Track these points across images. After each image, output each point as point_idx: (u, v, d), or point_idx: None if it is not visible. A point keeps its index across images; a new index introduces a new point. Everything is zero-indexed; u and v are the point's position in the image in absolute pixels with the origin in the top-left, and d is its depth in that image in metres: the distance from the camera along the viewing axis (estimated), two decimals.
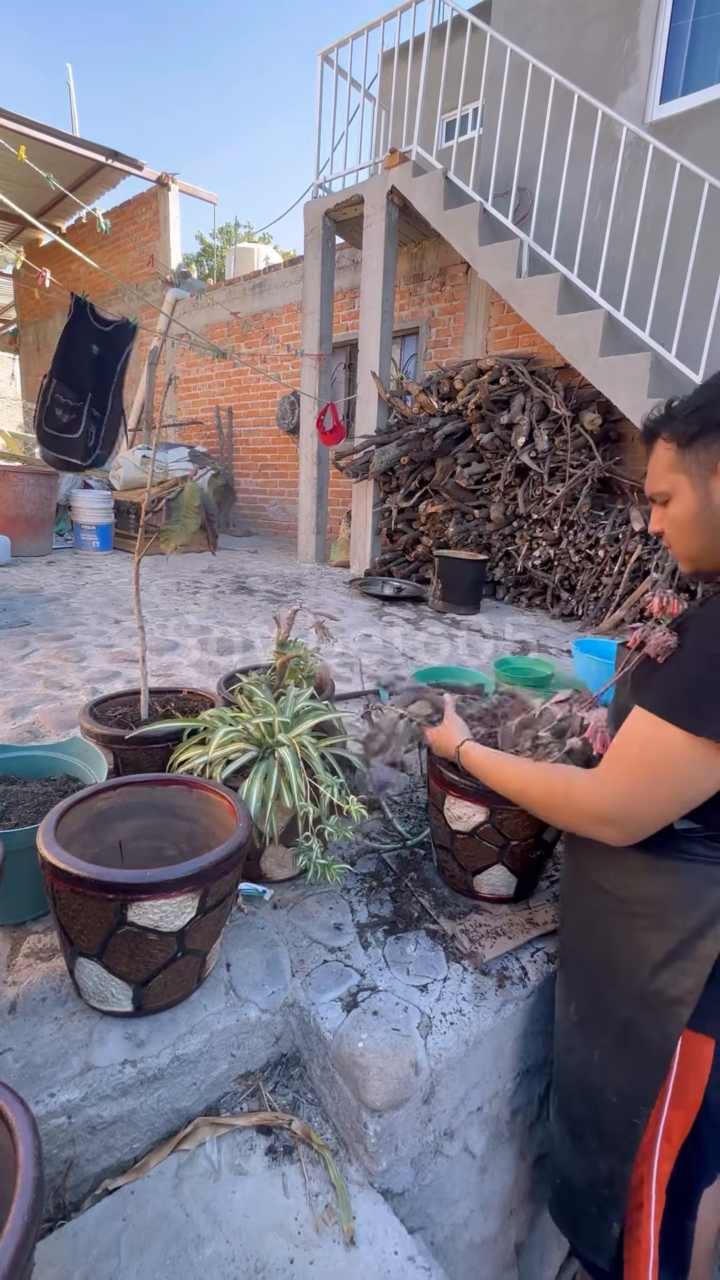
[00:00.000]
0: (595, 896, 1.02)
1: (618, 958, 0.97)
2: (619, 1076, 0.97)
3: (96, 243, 8.86)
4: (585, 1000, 1.04)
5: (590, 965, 1.03)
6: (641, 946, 0.93)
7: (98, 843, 1.15)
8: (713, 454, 0.87)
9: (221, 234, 19.11)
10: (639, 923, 0.94)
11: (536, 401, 4.31)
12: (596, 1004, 1.01)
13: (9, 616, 3.43)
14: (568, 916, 1.11)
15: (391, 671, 2.92)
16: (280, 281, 7.08)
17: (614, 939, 0.98)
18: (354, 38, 4.87)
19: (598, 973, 1.01)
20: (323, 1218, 0.94)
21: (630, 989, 0.95)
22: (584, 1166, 1.04)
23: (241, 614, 3.78)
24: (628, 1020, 0.95)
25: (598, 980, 1.01)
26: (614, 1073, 0.98)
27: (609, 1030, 0.99)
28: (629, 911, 0.95)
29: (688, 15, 4.07)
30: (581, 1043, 1.04)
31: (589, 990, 1.03)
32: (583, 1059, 1.03)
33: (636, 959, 0.94)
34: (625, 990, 0.96)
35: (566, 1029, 1.08)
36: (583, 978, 1.05)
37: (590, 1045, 1.02)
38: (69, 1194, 0.95)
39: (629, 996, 0.95)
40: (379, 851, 1.54)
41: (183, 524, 1.53)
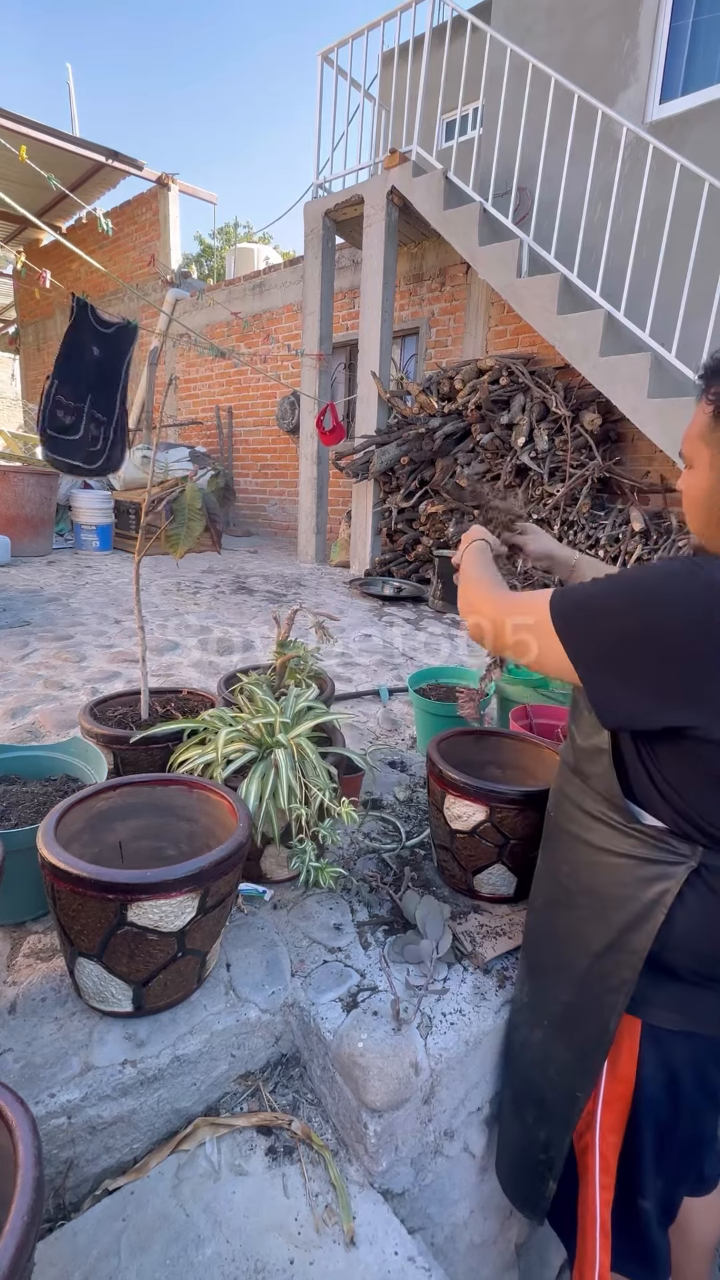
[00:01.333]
0: (552, 887, 1.06)
1: (563, 945, 1.01)
2: (560, 1054, 1.01)
3: (97, 242, 8.86)
4: (534, 983, 1.09)
5: (541, 951, 1.08)
6: (583, 937, 0.96)
7: (98, 843, 1.15)
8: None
9: (221, 234, 19.12)
10: (582, 914, 0.97)
11: (536, 401, 4.31)
12: (543, 987, 1.06)
13: (9, 616, 3.43)
14: (532, 906, 1.15)
15: (391, 671, 2.92)
16: (280, 281, 7.08)
17: (560, 927, 1.02)
18: (354, 38, 4.87)
19: (546, 958, 1.06)
20: (323, 1218, 0.94)
21: (573, 975, 0.99)
22: (523, 1134, 1.09)
23: (241, 614, 3.78)
24: (569, 1004, 0.99)
25: (545, 966, 1.06)
26: (556, 1050, 1.02)
27: (551, 1011, 1.03)
28: (574, 903, 0.99)
29: (688, 15, 4.07)
30: (527, 1021, 1.09)
31: (538, 974, 1.08)
32: (526, 1037, 1.08)
33: (578, 948, 0.97)
34: (568, 975, 0.99)
35: (518, 1007, 1.13)
36: (535, 963, 1.09)
37: (534, 1024, 1.06)
38: (69, 1194, 0.95)
39: (571, 982, 0.99)
40: (379, 851, 1.54)
41: (188, 527, 1.53)
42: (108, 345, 4.44)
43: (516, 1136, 1.12)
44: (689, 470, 0.89)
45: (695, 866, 0.84)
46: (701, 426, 0.85)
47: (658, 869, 0.87)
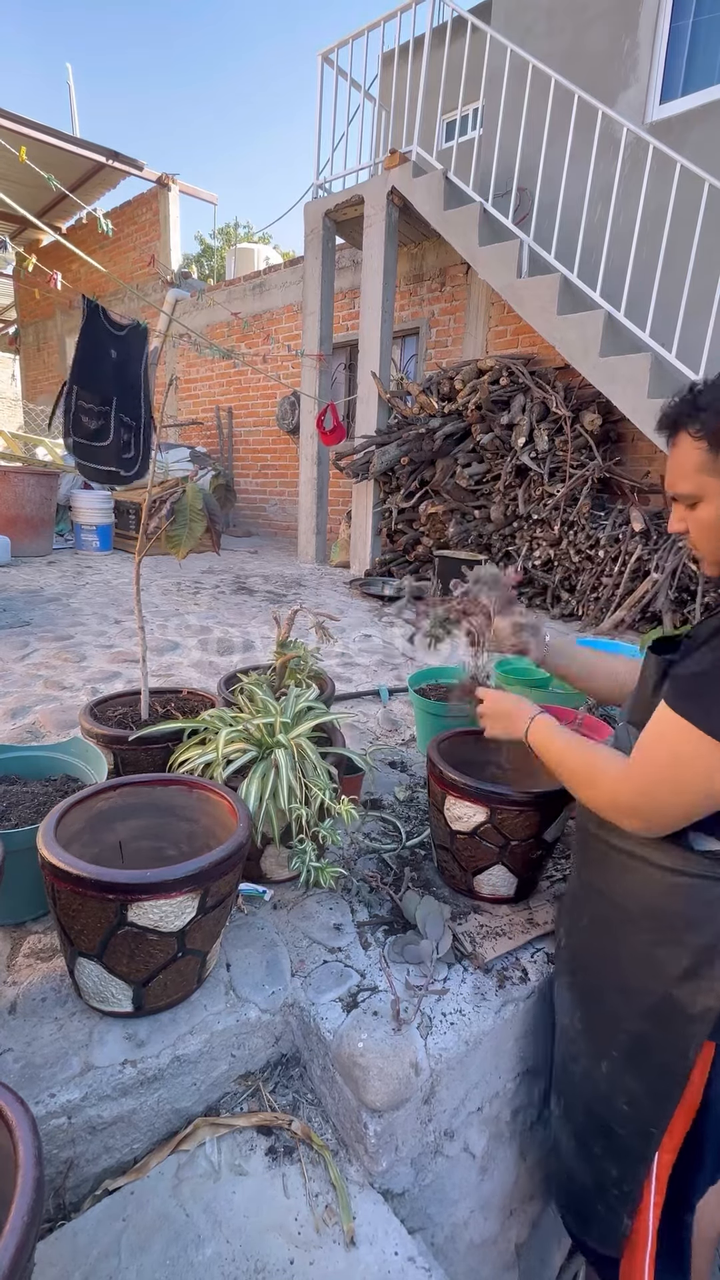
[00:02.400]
0: (603, 906, 1.00)
1: (628, 971, 0.95)
2: (632, 1086, 0.96)
3: (97, 243, 8.86)
4: (591, 1010, 1.02)
5: (596, 975, 1.01)
6: (655, 962, 0.91)
7: (98, 843, 1.15)
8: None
9: (221, 234, 19.12)
10: (650, 937, 0.92)
11: (536, 402, 4.31)
12: (603, 1015, 1.00)
13: (9, 617, 3.43)
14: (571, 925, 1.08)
15: (391, 671, 2.93)
16: (280, 282, 7.08)
17: (622, 951, 0.96)
18: (354, 38, 4.87)
19: (605, 984, 0.99)
20: (323, 1218, 0.94)
21: (643, 1003, 0.93)
22: (592, 1169, 1.03)
23: (241, 614, 3.78)
24: (640, 1034, 0.94)
25: (605, 991, 0.99)
26: (626, 1082, 0.96)
27: (618, 1042, 0.97)
28: (639, 926, 0.93)
29: (688, 15, 4.07)
30: (587, 1052, 1.02)
31: (595, 1000, 1.01)
32: (588, 1069, 1.02)
33: (650, 974, 0.92)
34: (637, 1004, 0.94)
35: (571, 1037, 1.07)
36: (588, 988, 1.03)
37: (597, 1055, 1.00)
38: (69, 1194, 0.95)
39: (641, 1010, 0.93)
40: (379, 851, 1.54)
41: (190, 528, 1.53)
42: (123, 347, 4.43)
43: (583, 1172, 1.06)
44: (695, 507, 0.88)
45: None
46: (698, 460, 0.84)
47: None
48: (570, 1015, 1.07)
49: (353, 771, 1.58)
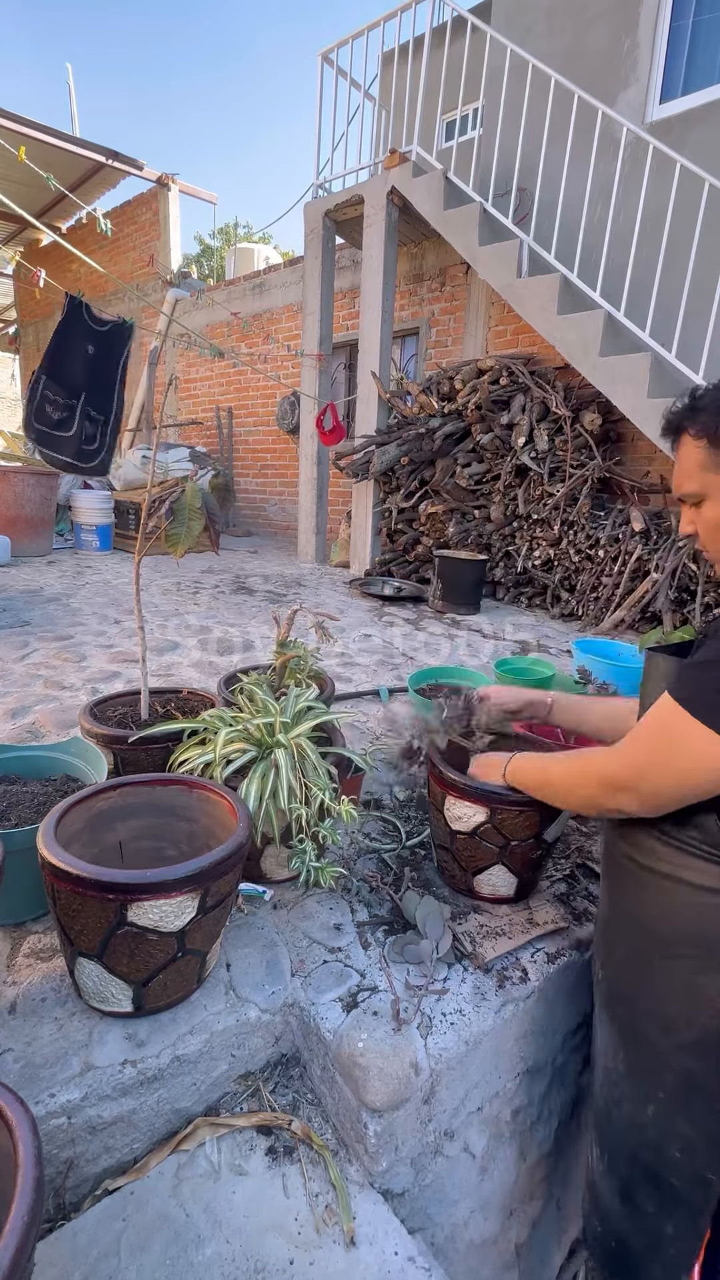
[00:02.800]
0: (638, 934, 0.95)
1: (668, 1003, 0.90)
2: (684, 1130, 0.89)
3: (97, 243, 8.86)
4: (632, 1049, 0.96)
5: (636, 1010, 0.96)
6: (698, 991, 0.86)
7: (98, 843, 1.15)
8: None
9: (221, 234, 19.10)
10: (689, 965, 0.86)
11: (536, 402, 4.31)
12: (647, 1053, 0.94)
13: (9, 616, 3.43)
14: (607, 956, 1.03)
15: (391, 671, 2.93)
16: (280, 282, 7.08)
17: (661, 982, 0.91)
18: (354, 38, 4.87)
19: (646, 1019, 0.94)
20: (323, 1218, 0.94)
21: (687, 1038, 0.87)
22: (644, 1227, 0.95)
23: (241, 614, 3.78)
24: (687, 1071, 0.88)
25: (646, 1027, 0.93)
26: (677, 1125, 0.90)
27: (664, 1083, 0.91)
28: (676, 953, 0.88)
29: (688, 15, 4.07)
30: (631, 1096, 0.96)
31: (636, 1038, 0.95)
32: (633, 1114, 0.95)
33: (693, 1006, 0.86)
34: (681, 1038, 0.88)
35: (614, 1080, 0.99)
36: (628, 1024, 0.97)
37: (644, 1099, 0.94)
38: (69, 1194, 0.95)
39: (687, 1045, 0.88)
40: (379, 851, 1.54)
41: (188, 527, 1.53)
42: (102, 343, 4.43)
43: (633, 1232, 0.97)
44: (700, 506, 0.88)
45: None
46: (700, 459, 0.86)
47: None
48: (613, 1057, 1.00)
49: (353, 771, 1.58)
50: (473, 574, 4.17)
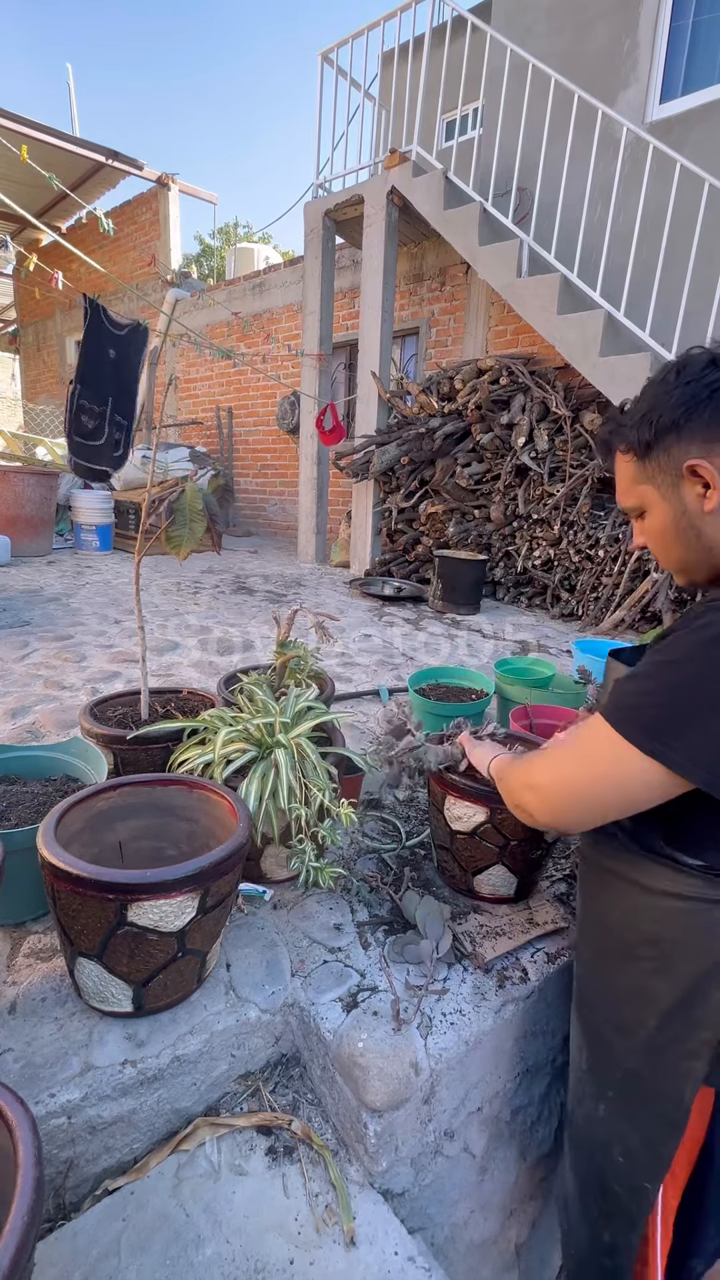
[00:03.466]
0: (602, 938, 0.95)
1: (623, 1004, 0.90)
2: (627, 1133, 0.89)
3: (96, 242, 8.86)
4: (592, 1048, 0.96)
5: (597, 1010, 0.96)
6: (648, 993, 0.85)
7: (98, 843, 1.15)
8: (674, 458, 0.81)
9: (221, 234, 19.11)
10: (644, 966, 0.86)
11: (536, 401, 4.31)
12: (603, 1052, 0.94)
13: (9, 616, 3.43)
14: (578, 956, 1.04)
15: (391, 671, 2.92)
16: (280, 281, 7.08)
17: (619, 983, 0.91)
18: (354, 38, 4.87)
19: (604, 1019, 0.94)
20: (323, 1218, 0.94)
21: (638, 1039, 0.87)
22: (589, 1230, 0.97)
23: (241, 614, 3.78)
24: (634, 1073, 0.88)
25: (604, 1027, 0.94)
26: (622, 1128, 0.89)
27: (614, 1082, 0.91)
28: (634, 954, 0.88)
29: (688, 15, 4.07)
30: (589, 1094, 0.96)
31: (596, 1037, 0.96)
32: (589, 1112, 0.95)
33: (644, 1007, 0.86)
34: (632, 1040, 0.88)
35: (578, 1077, 1.00)
36: (591, 1023, 0.97)
37: (597, 1098, 0.94)
38: (69, 1194, 0.95)
39: (636, 1047, 0.87)
40: (379, 851, 1.54)
41: (190, 528, 1.53)
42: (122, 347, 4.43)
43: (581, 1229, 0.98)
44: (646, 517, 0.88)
45: None
46: (632, 473, 0.87)
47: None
48: (579, 1054, 1.00)
49: (353, 771, 1.58)
50: (473, 574, 4.17)
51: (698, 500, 0.80)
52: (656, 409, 0.82)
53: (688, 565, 0.86)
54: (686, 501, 0.81)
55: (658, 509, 0.85)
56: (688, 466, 0.79)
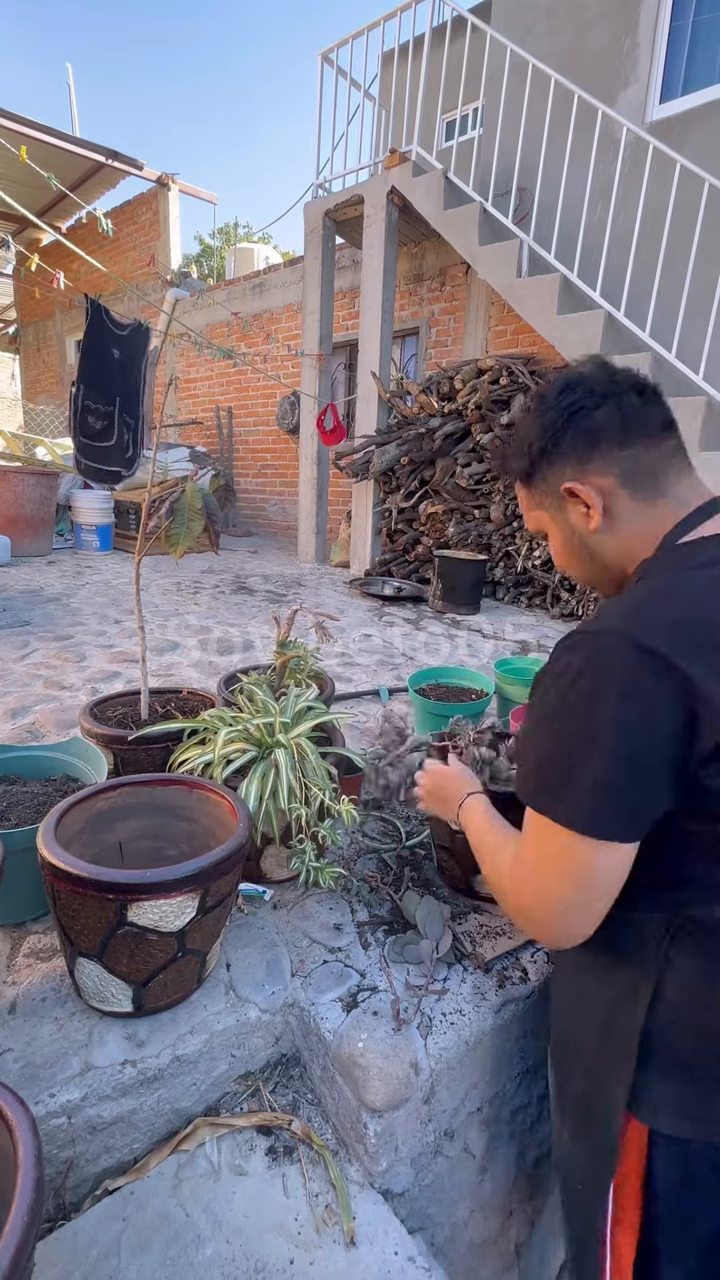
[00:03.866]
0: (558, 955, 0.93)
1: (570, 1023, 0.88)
2: (582, 1159, 0.85)
3: (96, 242, 8.86)
4: (557, 1070, 0.94)
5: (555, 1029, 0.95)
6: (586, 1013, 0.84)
7: (98, 843, 1.15)
8: (552, 482, 0.82)
9: (221, 234, 19.11)
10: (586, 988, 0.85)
11: None
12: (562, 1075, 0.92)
13: (9, 616, 3.43)
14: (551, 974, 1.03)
15: (391, 671, 2.93)
16: (280, 281, 7.08)
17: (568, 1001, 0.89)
18: (354, 38, 4.87)
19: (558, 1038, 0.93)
20: (323, 1218, 0.94)
21: (582, 1060, 0.85)
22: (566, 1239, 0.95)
23: (241, 614, 3.78)
24: (581, 1095, 0.85)
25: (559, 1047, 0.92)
26: (578, 1155, 0.86)
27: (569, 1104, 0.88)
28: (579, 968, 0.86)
29: (688, 15, 4.07)
30: (559, 1118, 0.93)
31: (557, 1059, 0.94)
32: (559, 1135, 0.93)
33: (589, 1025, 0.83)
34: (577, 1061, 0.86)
35: (552, 1098, 0.98)
36: (556, 1040, 0.95)
37: (563, 1121, 0.91)
38: (69, 1194, 0.95)
39: (582, 1069, 0.85)
40: (379, 851, 1.54)
41: (188, 527, 1.53)
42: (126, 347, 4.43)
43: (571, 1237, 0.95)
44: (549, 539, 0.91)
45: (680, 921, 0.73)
46: (525, 500, 0.90)
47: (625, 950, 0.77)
48: (552, 1074, 0.98)
49: (353, 771, 1.59)
50: (473, 574, 4.17)
51: (583, 520, 0.82)
52: (527, 438, 0.84)
53: (592, 581, 0.88)
54: (573, 522, 0.83)
55: (553, 531, 0.88)
56: (565, 489, 0.81)
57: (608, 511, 0.80)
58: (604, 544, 0.82)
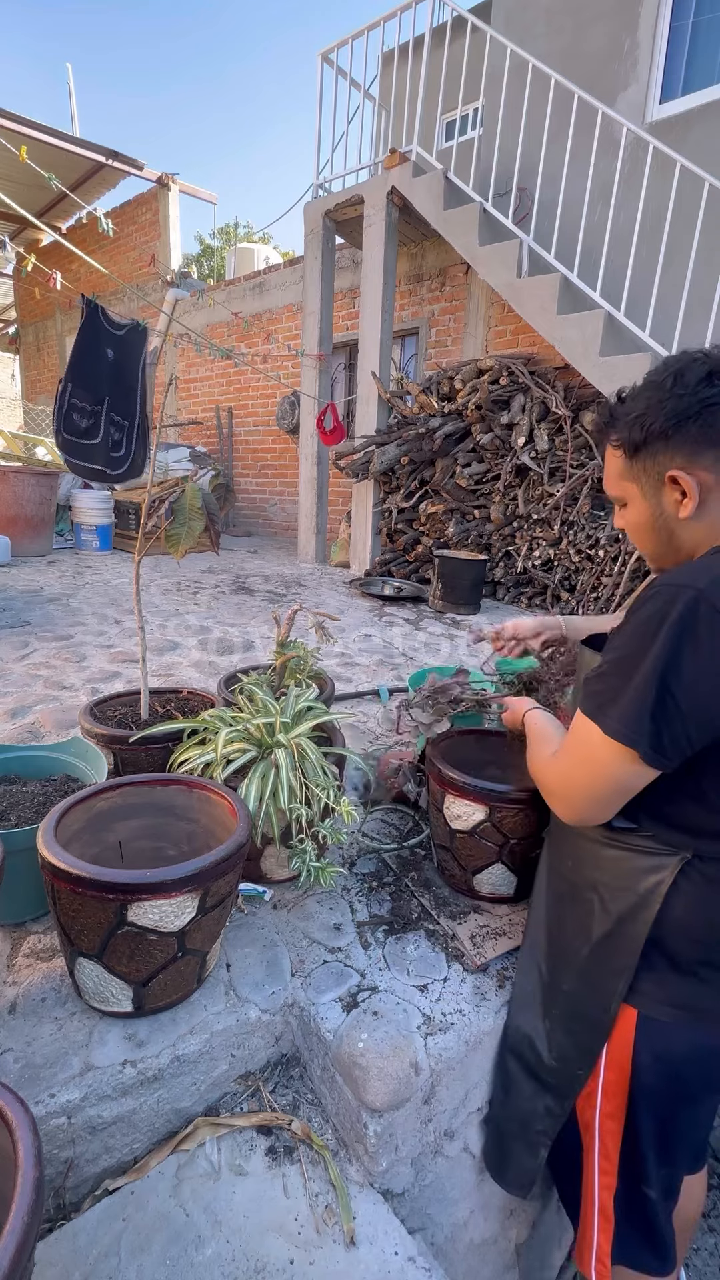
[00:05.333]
0: (558, 883, 1.09)
1: (567, 937, 1.04)
2: (562, 1040, 1.04)
3: (96, 243, 8.86)
4: (536, 970, 1.11)
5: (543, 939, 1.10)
6: (585, 928, 0.99)
7: (98, 843, 1.15)
8: (660, 464, 0.86)
9: (221, 234, 19.11)
10: (584, 906, 1.00)
11: (536, 402, 4.31)
12: (549, 977, 1.08)
13: (9, 616, 3.43)
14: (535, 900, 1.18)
15: (391, 671, 2.93)
16: (280, 281, 7.08)
17: (566, 920, 1.05)
18: (354, 38, 4.86)
19: (552, 950, 1.08)
20: (323, 1218, 0.94)
21: (575, 965, 1.01)
22: (517, 1113, 1.12)
23: (241, 614, 3.78)
24: (572, 993, 1.02)
25: (552, 957, 1.08)
26: (557, 1036, 1.05)
27: (557, 1002, 1.05)
28: (579, 897, 1.02)
29: (688, 15, 4.07)
30: (529, 1005, 1.11)
31: (545, 965, 1.10)
32: (532, 1025, 1.10)
33: (580, 938, 1.00)
34: (571, 966, 1.02)
35: (521, 995, 1.15)
36: (536, 949, 1.12)
37: (542, 1015, 1.08)
38: (69, 1194, 0.95)
39: (573, 972, 1.02)
40: (379, 851, 1.54)
41: (188, 527, 1.53)
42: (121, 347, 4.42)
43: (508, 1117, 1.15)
44: (626, 508, 0.95)
45: (689, 858, 0.87)
46: (619, 468, 0.92)
47: (653, 860, 0.90)
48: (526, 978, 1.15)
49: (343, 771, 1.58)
50: (473, 574, 4.17)
51: (675, 506, 0.87)
52: (649, 414, 0.85)
53: (658, 557, 0.94)
54: (665, 505, 0.88)
55: (638, 505, 0.92)
56: (669, 475, 0.85)
57: (702, 504, 0.84)
58: (686, 529, 0.87)
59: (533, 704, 1.26)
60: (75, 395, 4.25)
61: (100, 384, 4.36)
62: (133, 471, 4.59)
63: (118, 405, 4.45)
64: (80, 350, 4.24)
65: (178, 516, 1.53)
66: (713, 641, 0.74)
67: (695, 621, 0.75)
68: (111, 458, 4.50)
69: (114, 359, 4.39)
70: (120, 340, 4.42)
